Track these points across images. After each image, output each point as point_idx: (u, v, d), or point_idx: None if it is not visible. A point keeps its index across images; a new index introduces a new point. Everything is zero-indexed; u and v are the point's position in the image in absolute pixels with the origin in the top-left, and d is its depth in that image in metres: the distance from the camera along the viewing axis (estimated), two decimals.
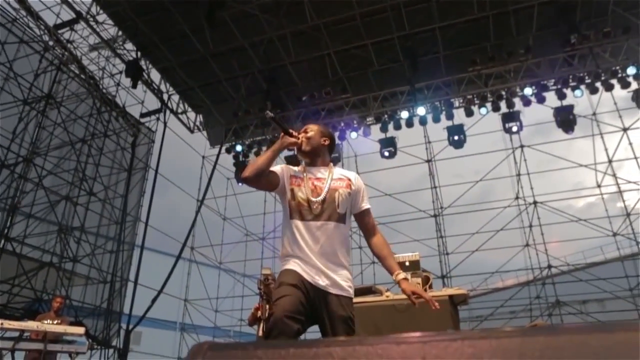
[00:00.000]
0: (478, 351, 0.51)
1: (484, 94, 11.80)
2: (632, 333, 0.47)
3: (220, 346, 0.67)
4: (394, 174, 14.94)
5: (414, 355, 0.52)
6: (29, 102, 10.99)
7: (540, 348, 0.49)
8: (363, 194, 2.63)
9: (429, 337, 0.53)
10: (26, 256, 10.90)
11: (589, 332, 0.48)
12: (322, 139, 2.66)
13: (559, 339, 0.49)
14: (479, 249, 13.66)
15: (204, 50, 12.04)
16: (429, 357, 0.51)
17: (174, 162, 16.47)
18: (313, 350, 0.59)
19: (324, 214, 2.44)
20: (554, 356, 0.47)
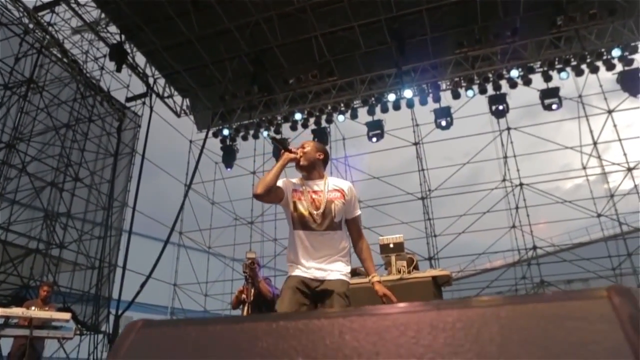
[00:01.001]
0: (394, 323, 0.51)
1: (471, 76, 11.79)
2: (543, 304, 0.48)
3: (154, 323, 0.67)
4: (384, 156, 14.98)
5: (332, 329, 0.53)
6: (10, 87, 10.79)
7: (452, 320, 0.50)
8: (355, 203, 2.98)
9: (346, 313, 0.53)
10: (12, 243, 10.81)
11: (500, 305, 0.49)
12: (317, 154, 3.01)
13: (470, 311, 0.49)
14: (465, 230, 13.80)
15: (190, 33, 11.85)
16: (345, 330, 0.51)
17: (161, 147, 16.36)
18: (239, 325, 0.59)
19: (324, 224, 2.80)
20: (463, 327, 0.48)
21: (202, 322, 0.64)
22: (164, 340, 0.63)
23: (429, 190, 14.38)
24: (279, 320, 0.58)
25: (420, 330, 0.50)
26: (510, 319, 0.48)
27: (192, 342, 0.60)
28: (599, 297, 0.47)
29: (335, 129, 14.66)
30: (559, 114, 12.45)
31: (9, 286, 10.42)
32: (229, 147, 14.08)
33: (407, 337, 0.50)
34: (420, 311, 0.52)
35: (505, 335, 0.47)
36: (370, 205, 15.34)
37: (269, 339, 0.57)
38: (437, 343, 0.48)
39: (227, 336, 0.60)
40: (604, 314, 0.46)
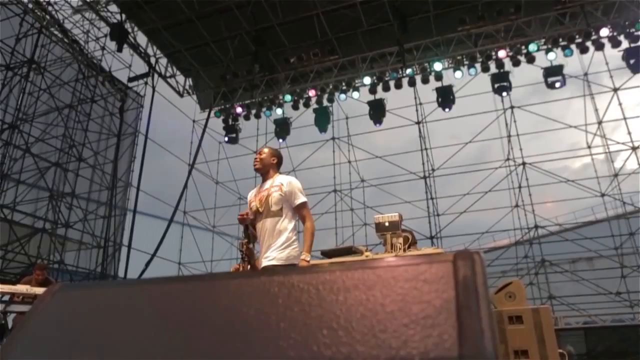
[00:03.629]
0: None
1: (474, 54, 11.65)
2: (395, 268, 0.51)
3: (70, 287, 0.71)
4: (389, 135, 14.93)
5: None
6: (11, 67, 10.84)
7: (315, 283, 0.53)
8: (294, 193, 3.45)
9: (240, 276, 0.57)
10: (18, 223, 11.01)
11: (354, 269, 0.52)
12: (271, 159, 3.62)
13: (325, 275, 0.53)
14: (467, 210, 13.78)
15: (190, 12, 11.78)
16: None
17: (164, 127, 16.42)
18: (155, 286, 0.63)
19: (264, 214, 3.43)
20: (324, 290, 0.51)
21: (111, 284, 0.67)
22: (79, 302, 0.67)
23: (432, 169, 14.35)
24: (171, 283, 0.62)
25: (282, 292, 0.54)
26: (362, 281, 0.51)
27: (101, 302, 0.64)
28: (445, 262, 0.50)
29: (337, 107, 14.62)
30: (567, 92, 12.29)
31: (17, 265, 10.64)
32: (231, 127, 14.09)
33: (271, 297, 0.54)
34: (287, 274, 0.56)
35: (354, 296, 0.50)
36: (374, 184, 15.37)
37: (157, 300, 0.60)
38: (293, 302, 0.52)
39: (127, 296, 0.64)
40: (444, 276, 0.49)
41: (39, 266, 7.10)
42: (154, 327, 0.56)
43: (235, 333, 0.51)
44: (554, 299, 12.74)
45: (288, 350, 0.47)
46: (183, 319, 0.55)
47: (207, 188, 16.08)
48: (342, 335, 0.46)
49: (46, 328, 0.66)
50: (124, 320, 0.60)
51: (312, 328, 0.48)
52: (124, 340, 0.57)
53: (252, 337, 0.50)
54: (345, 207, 15.17)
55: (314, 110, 13.30)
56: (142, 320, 0.59)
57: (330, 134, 15.08)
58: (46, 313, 0.68)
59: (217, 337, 0.51)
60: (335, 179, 15.30)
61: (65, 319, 0.66)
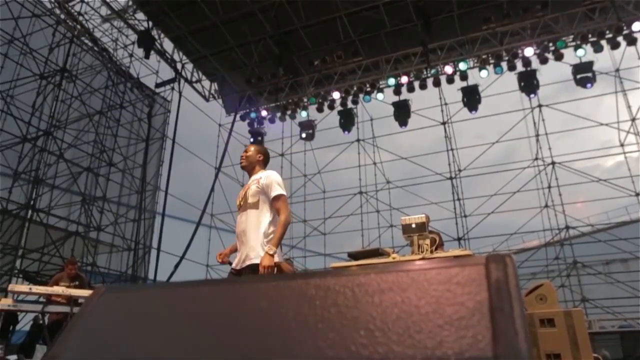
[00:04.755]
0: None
1: (499, 52, 11.48)
2: (428, 271, 0.53)
3: (115, 289, 0.75)
4: (414, 136, 14.82)
5: None
6: (45, 76, 11.21)
7: (351, 285, 0.55)
8: (271, 186, 3.41)
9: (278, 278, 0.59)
10: (53, 226, 11.37)
11: (389, 271, 0.54)
12: (257, 156, 3.67)
13: (363, 277, 0.55)
14: (495, 210, 13.58)
15: (215, 17, 11.96)
16: None
17: (191, 131, 16.66)
18: (198, 288, 0.66)
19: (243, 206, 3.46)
20: (360, 291, 0.54)
21: (152, 286, 0.71)
22: (125, 304, 0.71)
23: (459, 170, 14.19)
24: (213, 285, 0.65)
25: (320, 294, 0.56)
26: (397, 284, 0.53)
27: (141, 304, 0.68)
28: (477, 264, 0.52)
29: (362, 109, 14.60)
30: (597, 88, 11.98)
31: (52, 267, 10.97)
32: (256, 130, 14.23)
33: (308, 298, 0.56)
34: (323, 277, 0.58)
35: (389, 298, 0.52)
36: (399, 186, 15.29)
37: (200, 301, 0.63)
38: (330, 304, 0.54)
39: (168, 298, 0.67)
40: (477, 278, 0.50)
41: (70, 261, 7.32)
42: (196, 328, 0.59)
43: (275, 333, 0.54)
44: (587, 302, 12.42)
45: (327, 350, 0.49)
46: (224, 320, 0.58)
47: (233, 191, 16.25)
48: (379, 335, 0.48)
49: (95, 328, 0.69)
50: (168, 321, 0.63)
51: (349, 329, 0.50)
52: (168, 340, 0.60)
53: (291, 337, 0.52)
54: (371, 209, 15.14)
55: (339, 112, 13.32)
56: (185, 321, 0.62)
57: (355, 135, 15.09)
58: (94, 313, 0.72)
59: (257, 337, 0.54)
60: (361, 181, 15.30)
61: (112, 319, 0.70)
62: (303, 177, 16.10)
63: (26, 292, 5.89)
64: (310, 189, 16.09)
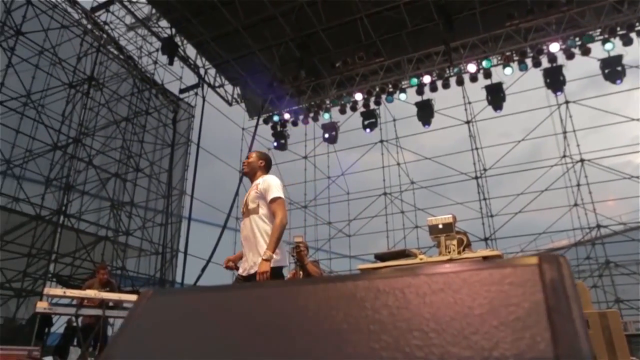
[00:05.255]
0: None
1: (524, 49, 11.29)
2: (478, 271, 0.53)
3: (163, 292, 0.77)
4: (437, 136, 14.70)
5: None
6: (74, 85, 11.50)
7: (400, 286, 0.56)
8: (269, 190, 3.42)
9: (326, 280, 0.60)
10: (84, 231, 11.65)
11: (438, 273, 0.54)
12: (259, 162, 3.70)
13: (413, 279, 0.55)
14: (522, 210, 13.35)
15: (236, 22, 12.09)
16: None
17: (215, 136, 16.88)
18: (245, 291, 0.68)
19: (245, 212, 3.49)
20: (409, 292, 0.54)
21: (198, 289, 0.72)
22: (171, 306, 0.73)
23: (484, 169, 14.00)
24: (257, 288, 0.66)
25: (369, 296, 0.56)
26: (448, 285, 0.53)
27: (188, 307, 0.69)
28: (529, 265, 0.51)
29: (384, 110, 14.55)
30: (627, 83, 11.66)
31: (84, 271, 11.25)
32: (280, 133, 14.31)
33: (358, 300, 0.57)
34: (371, 279, 0.58)
35: (441, 298, 0.52)
36: (424, 186, 15.17)
37: (248, 303, 0.64)
38: (381, 306, 0.54)
39: (215, 301, 0.68)
40: (531, 279, 0.50)
41: (102, 266, 7.49)
42: (247, 331, 0.60)
43: (326, 335, 0.54)
44: (621, 303, 12.09)
45: (380, 351, 0.50)
46: (274, 323, 0.59)
47: None
48: (434, 337, 0.48)
49: (145, 330, 0.71)
50: (217, 324, 0.64)
51: (402, 330, 0.51)
52: (219, 343, 0.62)
53: (343, 339, 0.53)
54: (395, 210, 15.06)
55: (361, 113, 13.30)
56: (234, 324, 0.63)
57: (378, 136, 15.05)
58: (143, 316, 0.73)
59: (308, 339, 0.55)
60: (385, 182, 15.23)
61: (161, 321, 0.71)
62: (327, 179, 16.14)
63: (60, 295, 6.06)
64: (334, 191, 16.11)
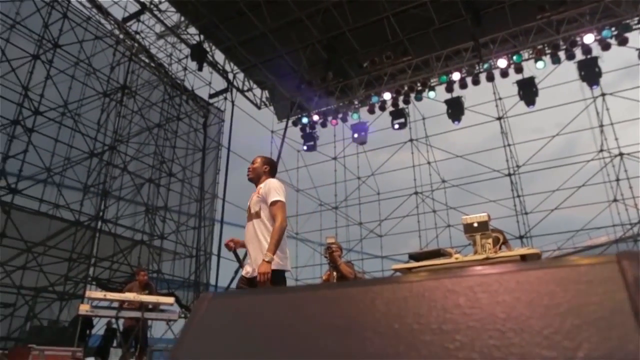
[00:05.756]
0: (418, 290, 0.57)
1: (556, 42, 11.00)
2: (554, 269, 0.52)
3: (222, 295, 0.79)
4: (467, 133, 14.48)
5: (365, 296, 0.60)
6: (108, 94, 11.83)
7: (469, 285, 0.55)
8: (270, 193, 3.41)
9: (378, 281, 0.60)
10: (120, 235, 11.95)
11: (513, 271, 0.53)
12: (263, 167, 3.70)
13: (484, 278, 0.54)
14: (558, 206, 12.99)
15: (263, 26, 12.20)
16: (376, 296, 0.58)
17: (244, 139, 17.04)
18: (303, 293, 0.68)
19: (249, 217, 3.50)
20: (479, 291, 0.53)
21: (259, 292, 0.73)
22: (229, 308, 0.74)
23: (517, 165, 13.70)
24: (321, 289, 0.67)
25: (438, 295, 0.56)
26: (521, 283, 0.52)
27: (250, 309, 0.70)
28: (608, 262, 0.50)
29: (413, 108, 14.41)
30: None
31: (121, 274, 11.55)
32: (309, 135, 14.36)
33: (429, 300, 0.56)
34: (439, 278, 0.58)
35: (515, 298, 0.51)
36: (455, 184, 14.95)
37: (313, 305, 0.65)
38: (452, 305, 0.54)
39: (278, 303, 0.69)
40: (611, 277, 0.48)
41: (141, 268, 7.68)
42: (314, 332, 0.60)
43: (397, 336, 0.54)
44: None
45: (456, 352, 0.49)
46: (343, 323, 0.59)
47: (288, 196, 16.44)
48: (512, 337, 0.48)
49: (208, 332, 0.72)
50: (283, 325, 0.65)
51: (477, 330, 0.50)
52: (285, 344, 0.62)
53: (415, 339, 0.53)
54: (427, 209, 14.89)
55: (390, 113, 13.22)
56: (301, 325, 0.63)
57: (408, 135, 14.92)
58: (205, 318, 0.75)
59: (380, 339, 0.54)
60: (416, 181, 15.08)
61: (224, 323, 0.73)
62: (357, 179, 16.08)
63: (101, 298, 6.23)
64: (364, 192, 16.04)
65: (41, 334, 9.33)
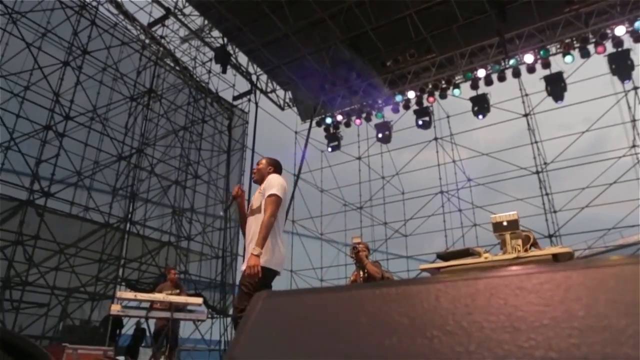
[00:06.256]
0: (485, 287, 0.56)
1: (585, 35, 10.73)
2: (633, 266, 0.50)
3: (277, 293, 0.79)
4: (492, 131, 14.26)
5: (429, 294, 0.59)
6: (134, 98, 12.05)
7: (540, 282, 0.54)
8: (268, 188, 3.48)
9: (441, 279, 0.59)
10: (148, 237, 12.16)
11: (589, 267, 0.52)
12: (268, 168, 3.73)
13: (558, 274, 0.53)
14: (590, 204, 12.68)
15: (285, 28, 12.25)
16: (441, 294, 0.58)
17: (268, 140, 17.14)
18: (360, 292, 0.68)
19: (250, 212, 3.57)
20: (550, 288, 0.52)
21: (315, 290, 0.73)
22: (285, 307, 0.74)
23: (545, 163, 13.42)
24: (381, 287, 0.66)
25: (509, 292, 0.55)
26: (599, 280, 0.51)
27: (307, 308, 0.70)
28: None
29: (438, 107, 14.26)
30: None
31: (149, 275, 11.75)
32: (333, 135, 14.36)
33: (497, 298, 0.55)
34: (506, 276, 0.57)
35: (592, 295, 0.50)
36: (481, 183, 14.74)
37: (373, 303, 0.64)
38: (523, 303, 0.53)
39: (336, 302, 0.69)
40: None
41: (171, 267, 7.81)
42: (378, 331, 0.60)
43: (467, 334, 0.53)
44: None
45: (532, 350, 0.48)
46: (406, 322, 0.58)
47: (312, 196, 16.49)
48: (591, 335, 0.46)
49: (265, 330, 0.72)
50: (343, 324, 0.64)
51: (554, 328, 0.49)
52: (346, 344, 0.62)
53: (487, 338, 0.52)
54: (452, 208, 14.72)
55: (415, 111, 13.11)
56: (363, 324, 0.62)
57: (432, 134, 14.76)
58: (261, 317, 0.75)
59: (449, 338, 0.54)
60: (441, 180, 14.92)
61: (280, 321, 0.73)
62: (381, 179, 16.00)
63: (132, 298, 6.35)
64: (389, 191, 15.95)
65: (74, 333, 9.55)
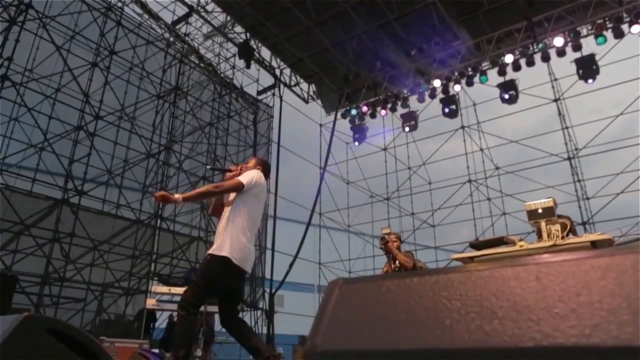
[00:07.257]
0: (553, 271, 0.55)
1: (619, 14, 10.35)
2: None
3: (353, 280, 0.79)
4: (519, 118, 13.94)
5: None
6: (161, 96, 12.23)
7: (604, 265, 0.52)
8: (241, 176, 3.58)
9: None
10: (179, 232, 12.37)
11: None
12: (256, 167, 3.74)
13: (620, 258, 0.51)
14: (624, 190, 12.31)
15: (308, 20, 12.22)
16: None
17: (293, 134, 17.16)
18: (434, 277, 0.67)
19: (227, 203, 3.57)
20: (614, 272, 0.50)
21: (397, 276, 0.73)
22: (361, 294, 0.74)
23: (576, 149, 13.08)
24: (472, 270, 0.65)
25: (579, 276, 0.53)
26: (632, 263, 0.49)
27: (385, 293, 0.70)
28: None
29: (464, 95, 14.02)
30: None
31: (180, 270, 11.97)
32: (358, 127, 14.29)
33: (564, 284, 0.54)
34: (577, 259, 0.55)
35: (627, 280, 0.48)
36: (510, 171, 14.47)
37: (446, 289, 0.64)
38: (588, 287, 0.51)
39: (410, 287, 0.68)
40: None
41: None
42: (452, 315, 0.60)
43: (538, 319, 0.52)
44: None
45: (592, 334, 0.47)
46: (476, 306, 0.57)
47: (339, 189, 16.48)
48: None
49: (343, 318, 0.73)
50: (419, 309, 0.64)
51: (607, 312, 0.47)
52: (424, 329, 0.61)
53: (559, 323, 0.50)
54: (481, 197, 14.50)
55: (441, 100, 12.93)
56: (438, 309, 0.62)
57: (459, 122, 14.55)
58: (338, 304, 0.76)
59: (520, 322, 0.53)
60: (469, 169, 14.70)
61: (357, 308, 0.73)
62: (408, 169, 15.88)
63: (166, 292, 6.50)
64: (415, 182, 15.82)
65: (109, 327, 9.82)
